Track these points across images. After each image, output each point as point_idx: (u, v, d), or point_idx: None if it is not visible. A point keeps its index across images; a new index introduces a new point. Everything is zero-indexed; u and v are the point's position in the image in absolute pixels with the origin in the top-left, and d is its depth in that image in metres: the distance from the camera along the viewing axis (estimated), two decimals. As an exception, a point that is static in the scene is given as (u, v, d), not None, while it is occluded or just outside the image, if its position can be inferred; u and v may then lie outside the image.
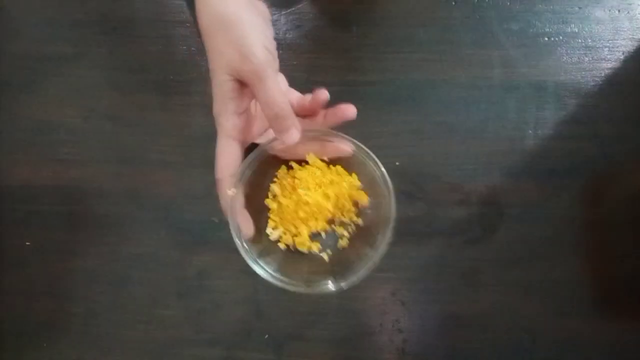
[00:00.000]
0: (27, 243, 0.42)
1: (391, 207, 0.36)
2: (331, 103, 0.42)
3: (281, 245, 0.39)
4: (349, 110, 0.36)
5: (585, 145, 0.42)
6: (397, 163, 0.39)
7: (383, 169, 0.37)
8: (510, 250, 0.40)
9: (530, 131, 0.42)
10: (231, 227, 0.35)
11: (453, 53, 0.44)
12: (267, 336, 0.40)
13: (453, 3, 0.45)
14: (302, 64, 0.44)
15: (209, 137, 0.43)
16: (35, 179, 0.43)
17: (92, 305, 0.41)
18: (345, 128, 0.39)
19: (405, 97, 0.43)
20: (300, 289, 0.35)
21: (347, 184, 0.39)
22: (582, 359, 0.39)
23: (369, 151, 0.37)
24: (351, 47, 0.44)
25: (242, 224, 0.35)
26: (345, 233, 0.40)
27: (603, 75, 0.43)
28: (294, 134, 0.33)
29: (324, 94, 0.35)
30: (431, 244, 0.41)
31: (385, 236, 0.36)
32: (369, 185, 0.39)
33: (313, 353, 0.39)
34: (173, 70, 0.45)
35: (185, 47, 0.45)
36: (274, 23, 0.45)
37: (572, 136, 0.42)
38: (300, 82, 0.39)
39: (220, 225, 0.42)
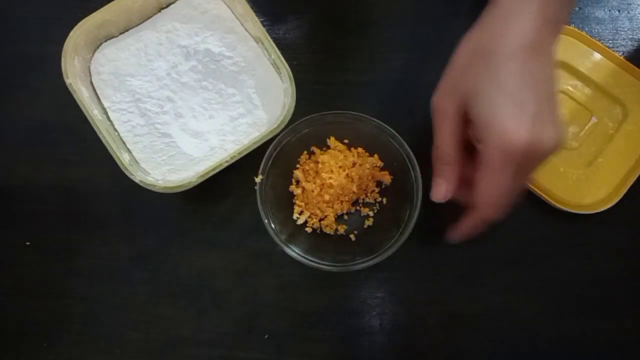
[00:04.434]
0: (27, 243, 0.42)
1: (415, 185, 0.37)
2: (330, 102, 0.42)
3: (308, 229, 0.40)
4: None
5: (585, 145, 0.42)
6: (395, 164, 0.39)
7: (407, 147, 0.37)
8: (510, 250, 0.40)
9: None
10: (261, 212, 0.37)
11: (453, 53, 0.44)
12: (267, 336, 0.40)
13: (453, 3, 0.45)
14: (302, 64, 0.44)
15: (209, 137, 0.43)
16: (35, 179, 0.43)
17: (92, 305, 0.41)
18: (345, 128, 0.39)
19: (405, 97, 0.43)
20: (332, 268, 0.37)
21: (370, 164, 0.40)
22: (582, 359, 0.39)
23: (392, 130, 0.38)
24: (351, 47, 0.44)
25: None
26: (371, 213, 0.41)
27: (603, 75, 0.43)
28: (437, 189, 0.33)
29: None
30: (431, 244, 0.41)
31: (410, 215, 0.37)
32: (393, 164, 0.40)
33: (313, 353, 0.39)
34: (173, 70, 0.44)
35: (185, 47, 0.45)
36: (274, 26, 0.45)
37: (572, 136, 0.42)
38: (300, 82, 0.39)
39: (221, 225, 0.42)
